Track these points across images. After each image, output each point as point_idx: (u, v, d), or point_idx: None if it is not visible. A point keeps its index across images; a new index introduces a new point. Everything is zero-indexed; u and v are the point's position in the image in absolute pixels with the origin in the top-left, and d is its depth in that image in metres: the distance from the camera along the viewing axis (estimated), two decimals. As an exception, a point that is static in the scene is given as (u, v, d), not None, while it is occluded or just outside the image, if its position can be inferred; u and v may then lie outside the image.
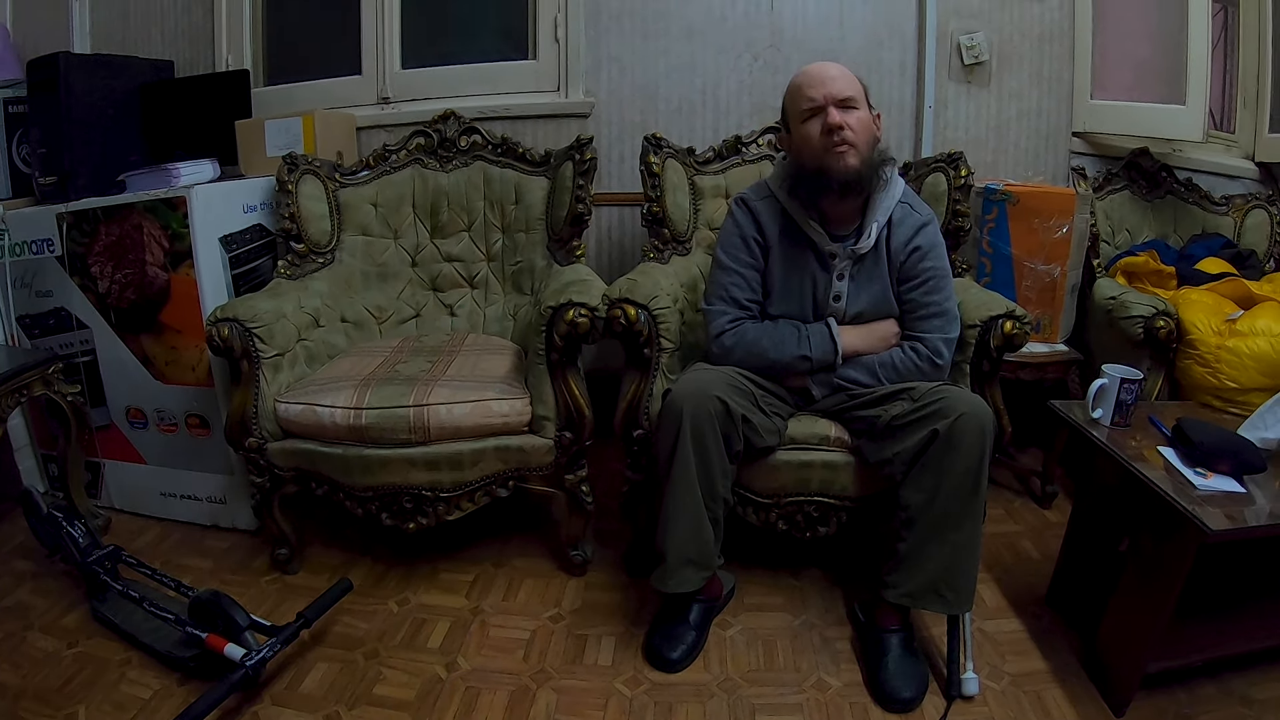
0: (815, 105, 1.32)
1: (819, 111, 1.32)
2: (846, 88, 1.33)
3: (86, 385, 1.87)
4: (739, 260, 1.43)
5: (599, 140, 2.13)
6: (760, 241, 1.42)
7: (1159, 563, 1.15)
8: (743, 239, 1.43)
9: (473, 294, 2.02)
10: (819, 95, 1.32)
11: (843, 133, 1.30)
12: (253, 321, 1.52)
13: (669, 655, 1.33)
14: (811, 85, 1.34)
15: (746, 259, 1.42)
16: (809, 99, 1.33)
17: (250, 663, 1.23)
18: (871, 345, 1.39)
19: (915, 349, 1.37)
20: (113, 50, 2.26)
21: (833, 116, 1.30)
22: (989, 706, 1.23)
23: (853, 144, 1.30)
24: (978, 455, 1.19)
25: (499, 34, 2.30)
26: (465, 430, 1.47)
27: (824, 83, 1.32)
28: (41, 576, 1.65)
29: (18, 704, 1.26)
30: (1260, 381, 1.53)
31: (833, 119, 1.30)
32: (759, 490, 1.42)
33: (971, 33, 2.12)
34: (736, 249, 1.43)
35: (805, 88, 1.34)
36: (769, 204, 1.43)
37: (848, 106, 1.32)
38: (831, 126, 1.30)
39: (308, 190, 1.90)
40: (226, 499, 1.84)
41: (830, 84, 1.32)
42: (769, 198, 1.44)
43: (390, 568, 1.66)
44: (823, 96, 1.32)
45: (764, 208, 1.43)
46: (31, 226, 1.86)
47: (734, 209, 1.47)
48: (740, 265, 1.42)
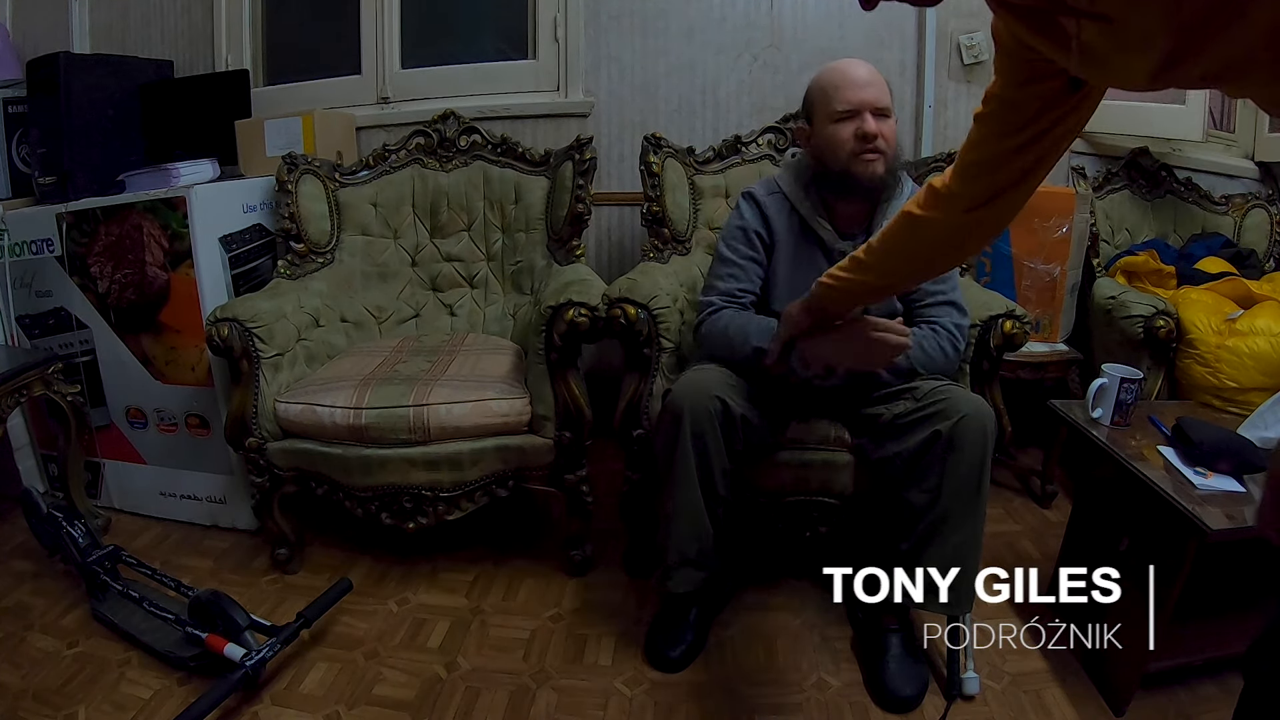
0: (851, 110, 1.31)
1: (853, 116, 1.30)
2: (882, 96, 1.32)
3: (86, 385, 1.87)
4: (737, 252, 1.41)
5: (599, 140, 2.12)
6: (763, 236, 1.41)
7: (1159, 563, 1.15)
8: (744, 231, 1.41)
9: (472, 294, 2.02)
10: (856, 100, 1.30)
11: (877, 142, 1.29)
12: (252, 321, 1.52)
13: (669, 655, 1.33)
14: (849, 87, 1.31)
15: (746, 251, 1.41)
16: (845, 101, 1.31)
17: (250, 663, 1.23)
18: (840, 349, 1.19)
19: (935, 329, 1.34)
20: (112, 50, 2.26)
21: (870, 125, 1.29)
22: (989, 706, 1.23)
23: (883, 153, 1.30)
24: (980, 456, 1.19)
25: (499, 34, 2.30)
26: (465, 430, 1.47)
27: (861, 87, 1.30)
28: (41, 576, 1.65)
29: (18, 704, 1.26)
30: (1260, 381, 1.53)
31: (870, 127, 1.29)
32: (759, 490, 1.42)
33: (971, 32, 2.12)
34: (736, 240, 1.42)
35: (842, 89, 1.31)
36: (777, 200, 1.42)
37: (882, 115, 1.31)
38: (868, 135, 1.29)
39: (307, 190, 1.89)
40: (226, 499, 1.84)
41: (867, 90, 1.31)
42: (777, 194, 1.43)
43: (390, 568, 1.66)
44: (860, 102, 1.30)
45: (772, 203, 1.42)
46: (31, 226, 1.86)
47: (741, 203, 1.45)
48: (738, 257, 1.41)
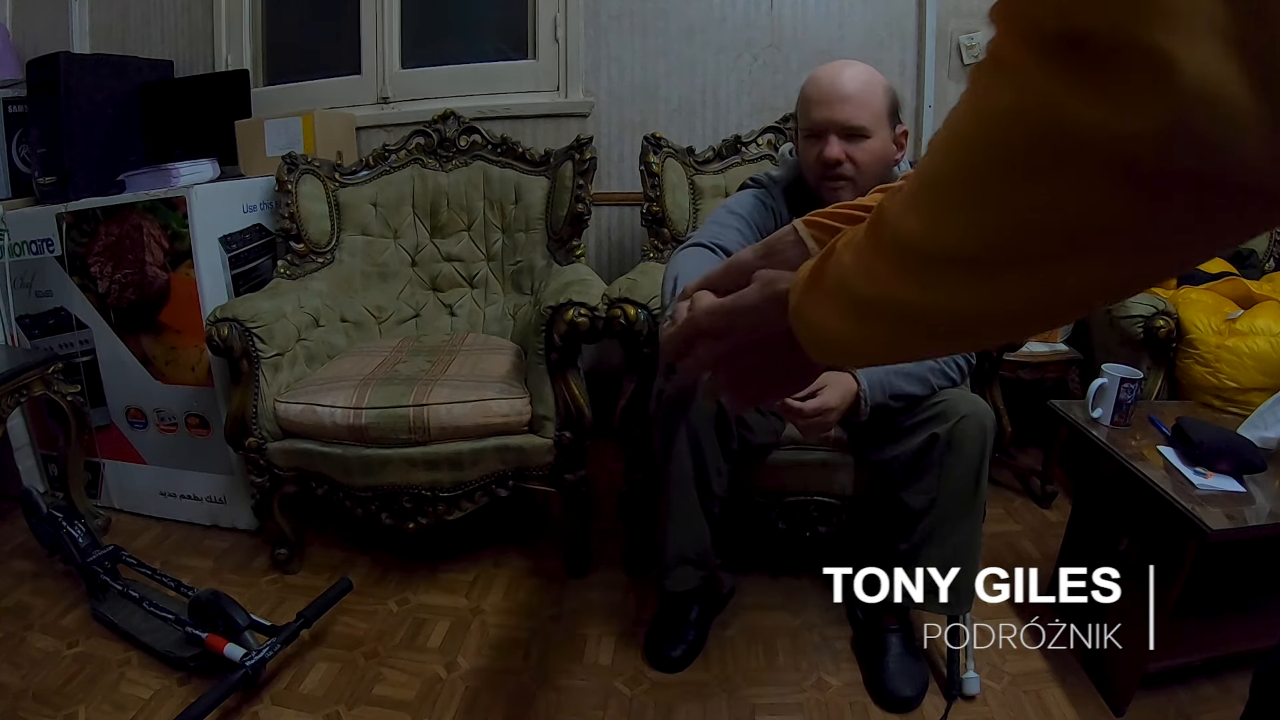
0: (816, 129, 1.19)
1: (820, 137, 1.19)
2: (857, 114, 1.15)
3: (86, 385, 1.87)
4: (727, 224, 1.29)
5: (598, 140, 2.12)
6: (757, 228, 1.32)
7: (1159, 563, 1.15)
8: (745, 220, 1.31)
9: (472, 294, 2.02)
10: (821, 119, 1.17)
11: (839, 168, 1.18)
12: (252, 321, 1.52)
13: (669, 654, 1.33)
14: (816, 104, 1.18)
15: (736, 225, 1.30)
16: (810, 119, 1.19)
17: (250, 663, 1.23)
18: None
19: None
20: (112, 50, 2.26)
21: (832, 150, 1.16)
22: (989, 706, 1.23)
23: (850, 179, 1.18)
24: (978, 457, 1.19)
25: (499, 34, 2.30)
26: (465, 430, 1.47)
27: (831, 103, 1.16)
28: (41, 576, 1.65)
29: (18, 704, 1.26)
30: (1260, 381, 1.53)
31: (831, 153, 1.16)
32: (759, 490, 1.42)
33: (971, 32, 2.12)
34: (729, 219, 1.30)
35: (810, 104, 1.19)
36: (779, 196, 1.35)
37: (855, 136, 1.17)
38: (827, 161, 1.17)
39: (307, 190, 1.90)
40: (226, 499, 1.84)
41: (838, 107, 1.16)
42: (769, 188, 1.37)
43: (390, 568, 1.66)
44: (825, 122, 1.17)
45: (775, 204, 1.35)
46: (31, 226, 1.86)
47: (754, 196, 1.34)
48: (724, 226, 1.29)
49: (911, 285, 0.30)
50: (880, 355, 0.40)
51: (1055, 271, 0.25)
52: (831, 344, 0.38)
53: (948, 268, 0.28)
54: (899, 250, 0.30)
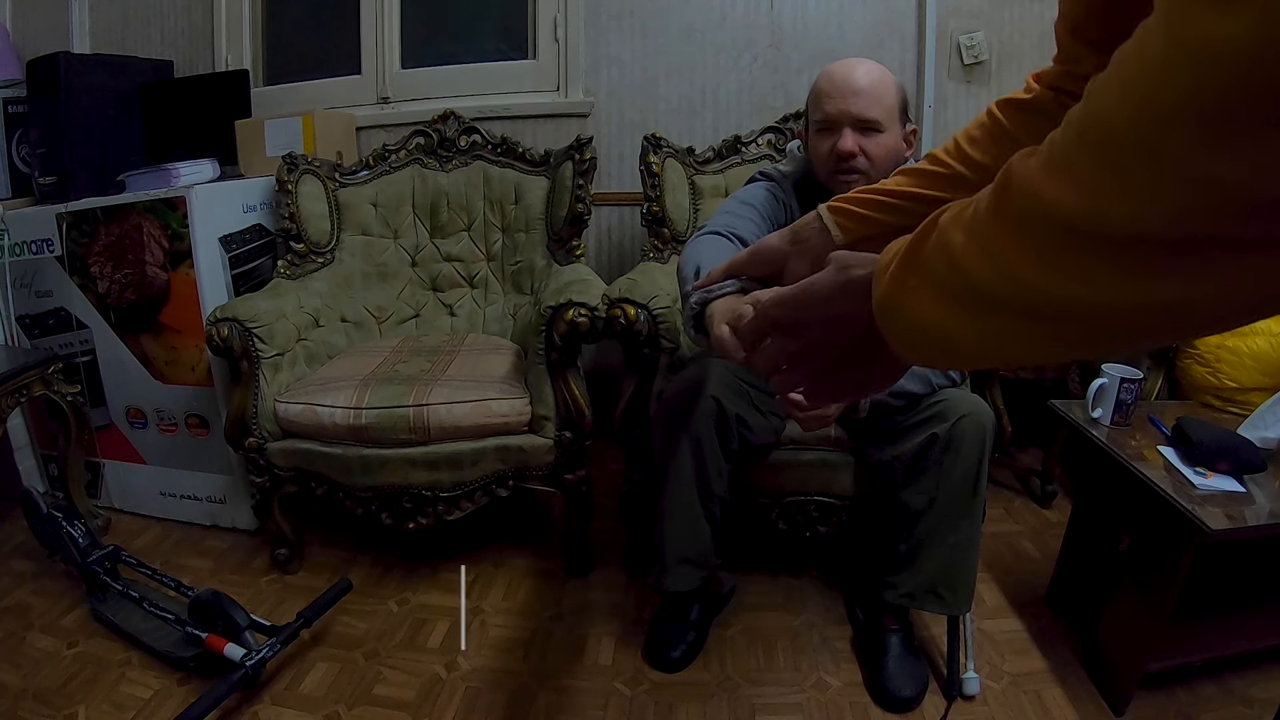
0: (830, 122, 1.19)
1: (833, 129, 1.19)
2: (871, 108, 1.16)
3: (86, 385, 1.87)
4: (741, 214, 1.25)
5: (598, 140, 2.12)
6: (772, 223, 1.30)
7: (1159, 563, 1.15)
8: (758, 210, 1.28)
9: (472, 294, 2.02)
10: (835, 111, 1.18)
11: (853, 161, 1.18)
12: (252, 321, 1.52)
13: (669, 654, 1.33)
14: (832, 96, 1.18)
15: (750, 216, 1.26)
16: (823, 111, 1.19)
17: (250, 663, 1.23)
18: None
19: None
20: (113, 50, 2.26)
21: (846, 142, 1.17)
22: (989, 706, 1.23)
23: (864, 173, 1.18)
24: (977, 457, 1.19)
25: (499, 34, 2.30)
26: (465, 430, 1.47)
27: (845, 96, 1.17)
28: (41, 576, 1.65)
29: (18, 704, 1.26)
30: (1260, 381, 1.53)
31: (845, 145, 1.17)
32: (759, 490, 1.42)
33: (971, 32, 2.12)
34: (742, 209, 1.26)
35: (825, 96, 1.19)
36: (789, 190, 1.33)
37: (869, 129, 1.18)
38: (841, 154, 1.18)
39: (307, 190, 1.90)
40: (226, 499, 1.84)
41: (853, 100, 1.16)
42: (778, 183, 1.35)
43: (390, 568, 1.66)
44: (839, 114, 1.18)
45: (785, 198, 1.33)
46: (31, 226, 1.86)
47: (765, 189, 1.32)
48: (739, 216, 1.24)
49: (1054, 271, 0.24)
50: (992, 355, 0.33)
51: (1263, 260, 0.19)
52: (931, 342, 0.32)
53: (1109, 249, 0.22)
54: (1040, 226, 0.24)
